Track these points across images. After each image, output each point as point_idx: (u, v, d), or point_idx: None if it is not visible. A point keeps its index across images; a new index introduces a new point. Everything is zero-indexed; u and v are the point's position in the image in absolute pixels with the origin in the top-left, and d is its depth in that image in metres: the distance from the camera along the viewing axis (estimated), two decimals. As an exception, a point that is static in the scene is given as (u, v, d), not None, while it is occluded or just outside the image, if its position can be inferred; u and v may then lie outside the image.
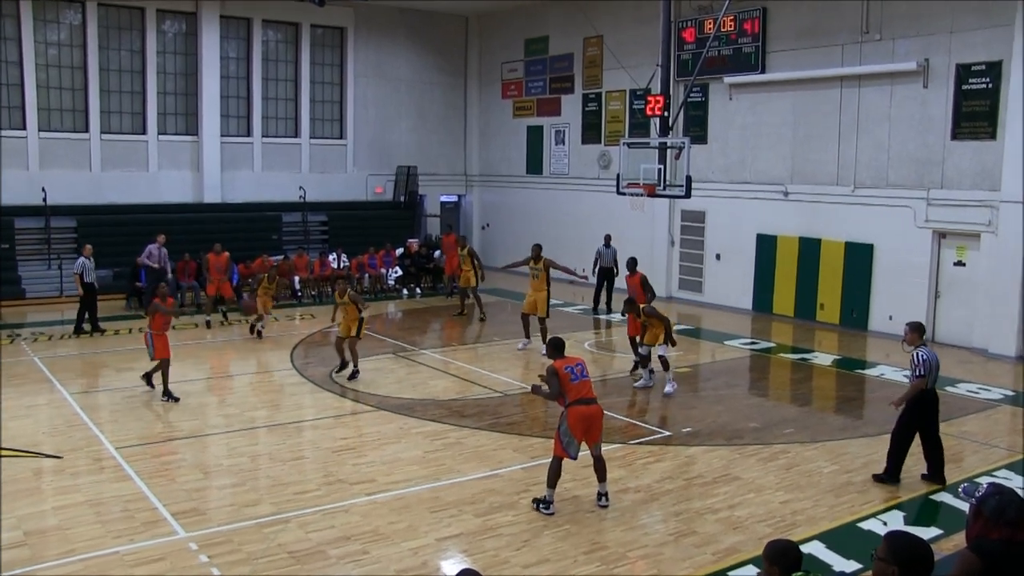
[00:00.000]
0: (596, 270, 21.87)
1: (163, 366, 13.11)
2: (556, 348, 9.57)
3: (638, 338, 14.72)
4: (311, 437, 11.78)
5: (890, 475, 10.14)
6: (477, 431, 11.89)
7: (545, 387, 9.22)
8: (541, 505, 9.12)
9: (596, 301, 21.78)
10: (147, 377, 13.42)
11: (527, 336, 17.03)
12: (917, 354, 9.92)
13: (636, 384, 14.46)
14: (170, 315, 13.41)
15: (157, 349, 13.06)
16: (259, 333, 18.02)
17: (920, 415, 10.07)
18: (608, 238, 21.79)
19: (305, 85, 27.51)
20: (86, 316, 18.43)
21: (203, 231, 23.76)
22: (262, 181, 26.75)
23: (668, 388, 13.91)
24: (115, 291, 21.39)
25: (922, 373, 9.84)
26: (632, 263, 16.66)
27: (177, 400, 13.00)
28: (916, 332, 10.09)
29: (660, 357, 14.03)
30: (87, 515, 8.76)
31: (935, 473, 10.18)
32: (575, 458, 9.08)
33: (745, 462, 10.78)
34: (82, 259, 18.59)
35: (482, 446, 11.24)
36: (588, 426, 9.04)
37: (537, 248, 16.95)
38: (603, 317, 21.08)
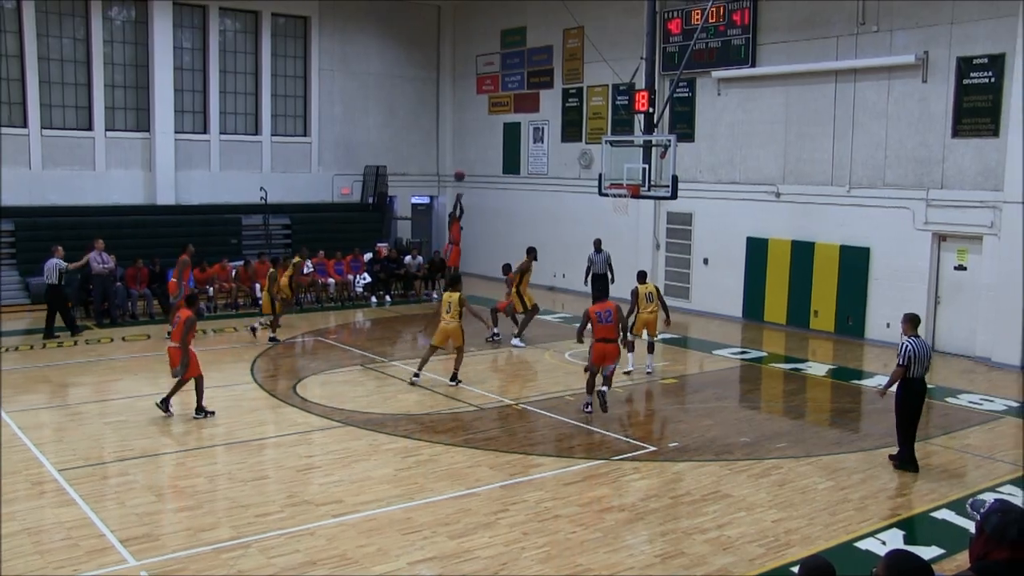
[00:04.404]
0: (589, 278, 21.76)
1: (199, 383, 13.15)
2: (600, 296, 13.92)
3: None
4: (274, 455, 11.71)
5: (902, 459, 11.21)
6: (451, 447, 11.88)
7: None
8: (585, 407, 13.39)
9: None
10: (167, 402, 13.19)
11: None
12: (902, 343, 11.01)
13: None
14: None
15: (193, 364, 13.05)
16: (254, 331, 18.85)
17: (909, 401, 11.07)
18: (598, 243, 21.76)
19: (266, 78, 27.43)
20: (54, 320, 18.93)
21: (156, 235, 23.62)
22: (220, 181, 26.62)
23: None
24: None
25: (901, 363, 10.93)
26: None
27: (213, 413, 13.16)
28: (907, 323, 11.19)
29: None
30: (24, 545, 8.61)
31: (902, 457, 11.24)
32: (595, 373, 13.36)
33: (735, 479, 10.84)
34: (55, 260, 19.00)
35: (457, 463, 11.24)
36: (603, 356, 13.24)
37: None
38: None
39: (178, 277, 19.34)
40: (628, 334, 15.22)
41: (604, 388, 13.33)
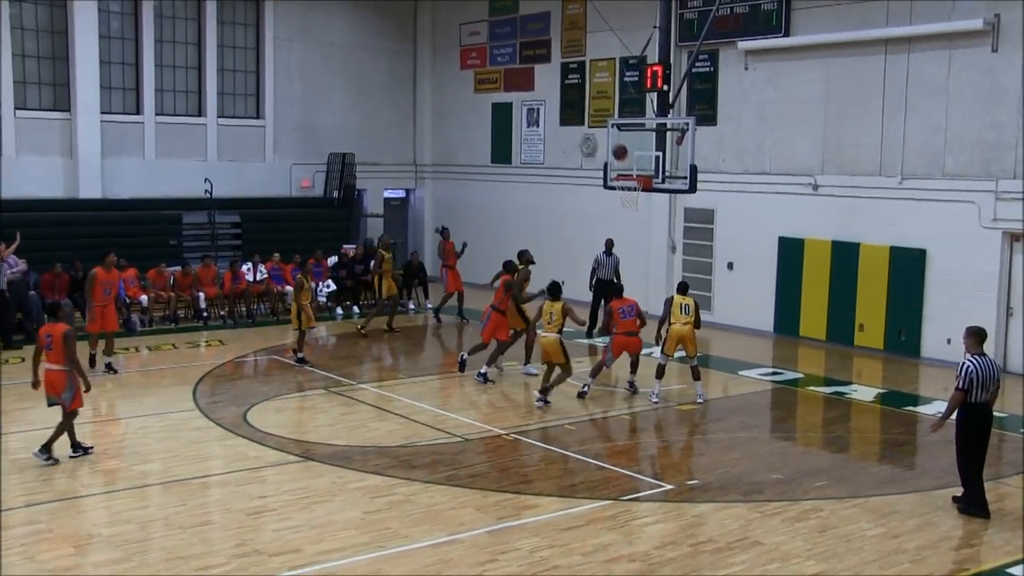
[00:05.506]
0: (593, 283, 21.74)
1: (72, 417, 12.70)
2: (619, 292, 16.94)
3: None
4: (219, 496, 11.65)
5: (969, 501, 11.11)
6: (431, 486, 11.83)
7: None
8: (584, 390, 16.11)
9: (592, 321, 21.51)
10: (52, 445, 12.61)
11: None
12: (963, 362, 10.94)
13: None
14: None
15: (78, 394, 12.64)
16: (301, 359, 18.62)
17: (972, 431, 10.97)
18: (610, 244, 21.83)
19: (211, 50, 27.34)
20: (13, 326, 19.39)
21: (78, 235, 23.43)
22: (156, 171, 26.49)
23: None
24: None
25: (961, 386, 10.89)
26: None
27: (91, 449, 12.84)
28: (971, 338, 11.19)
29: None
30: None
31: (968, 499, 11.07)
32: (609, 367, 16.37)
33: (767, 523, 10.80)
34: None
35: (437, 504, 11.19)
36: (627, 349, 16.05)
37: None
38: (598, 342, 20.95)
39: (89, 293, 17.84)
40: (661, 345, 16.26)
41: (631, 378, 16.48)
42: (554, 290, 16.02)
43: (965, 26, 18.62)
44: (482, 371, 17.16)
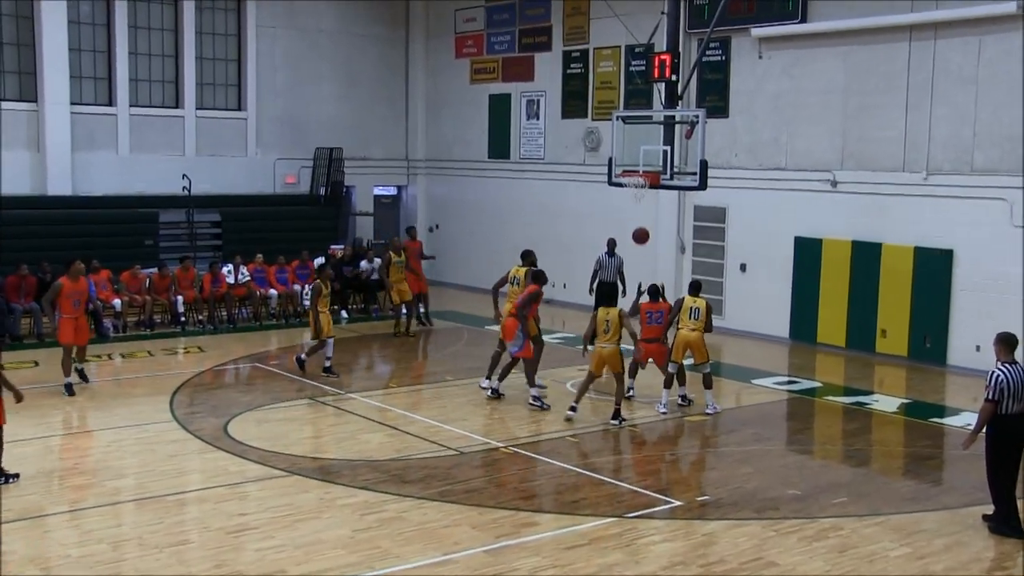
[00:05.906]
0: (594, 285, 21.76)
1: None
2: (653, 294, 16.47)
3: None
4: (197, 513, 11.62)
5: (1000, 520, 11.03)
6: (424, 502, 11.81)
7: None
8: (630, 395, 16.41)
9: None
10: None
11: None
12: (991, 372, 10.89)
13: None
14: None
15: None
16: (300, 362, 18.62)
17: (1003, 445, 10.93)
18: (612, 244, 21.80)
19: (189, 36, 27.36)
20: None
21: (46, 234, 23.45)
22: (130, 167, 26.51)
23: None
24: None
25: (991, 397, 10.85)
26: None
27: (16, 477, 12.44)
28: (1001, 344, 11.17)
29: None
30: None
31: (999, 518, 11.00)
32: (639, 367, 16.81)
33: (783, 542, 10.79)
34: None
35: (430, 522, 11.18)
36: (648, 355, 16.21)
37: None
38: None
39: (50, 305, 17.50)
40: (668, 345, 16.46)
41: (683, 391, 16.49)
42: (611, 295, 16.43)
43: (996, 10, 18.58)
44: (495, 386, 17.05)
